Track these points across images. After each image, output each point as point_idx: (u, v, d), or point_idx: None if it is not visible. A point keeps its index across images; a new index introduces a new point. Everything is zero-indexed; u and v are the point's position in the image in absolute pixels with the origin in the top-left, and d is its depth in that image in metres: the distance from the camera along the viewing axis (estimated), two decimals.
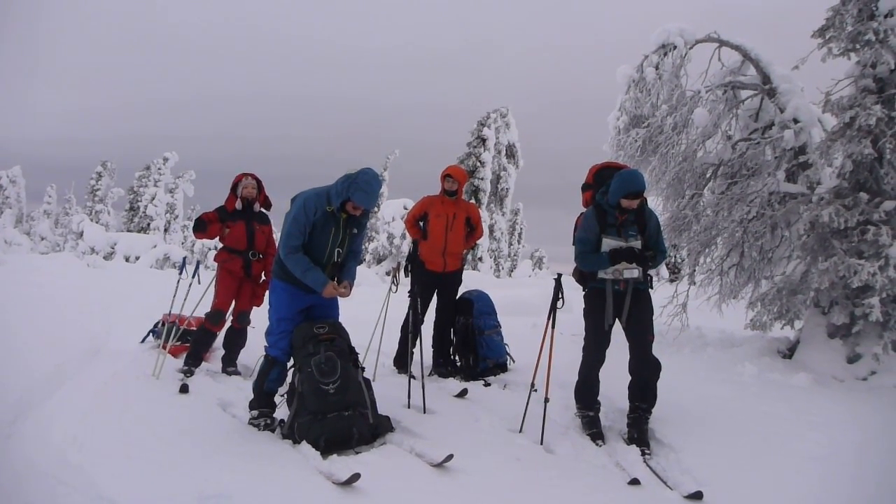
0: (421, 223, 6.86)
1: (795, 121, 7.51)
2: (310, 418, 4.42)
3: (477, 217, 6.96)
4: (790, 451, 4.57)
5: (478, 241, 8.34)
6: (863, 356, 6.73)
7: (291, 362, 4.81)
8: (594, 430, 4.93)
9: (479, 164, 28.17)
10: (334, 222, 4.70)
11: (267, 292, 5.09)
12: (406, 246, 23.48)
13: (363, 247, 4.97)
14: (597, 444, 4.79)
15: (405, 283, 6.67)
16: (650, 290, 5.00)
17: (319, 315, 4.87)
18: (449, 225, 6.66)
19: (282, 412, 4.83)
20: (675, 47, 8.35)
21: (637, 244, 4.83)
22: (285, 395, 4.82)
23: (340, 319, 5.02)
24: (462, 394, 5.89)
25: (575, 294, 5.52)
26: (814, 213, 6.79)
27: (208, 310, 6.38)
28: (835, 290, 6.85)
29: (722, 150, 8.21)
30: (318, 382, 4.49)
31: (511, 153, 30.98)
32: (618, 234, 4.83)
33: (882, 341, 6.62)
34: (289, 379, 4.86)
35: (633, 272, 4.74)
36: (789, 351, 7.51)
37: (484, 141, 28.52)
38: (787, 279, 7.47)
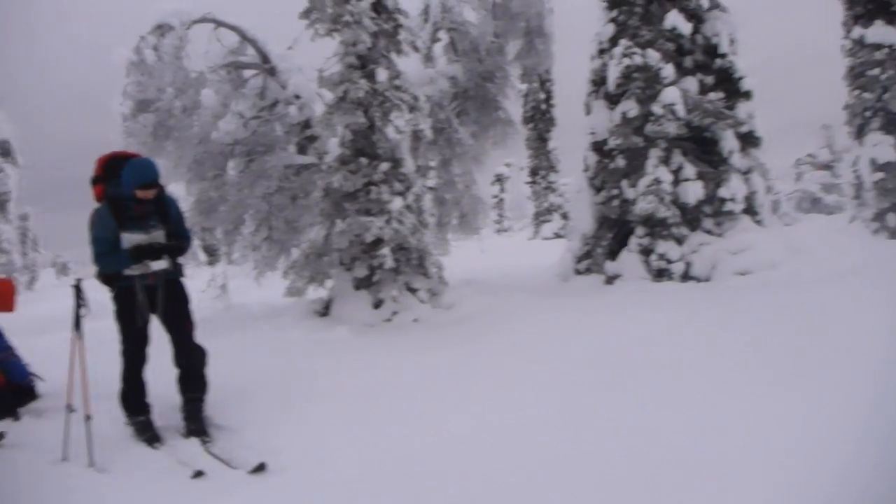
0: None
1: (297, 97, 8.04)
2: None
3: None
4: (338, 399, 5.01)
5: None
6: (385, 301, 7.70)
7: None
8: (149, 434, 4.65)
9: None
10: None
11: None
12: None
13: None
14: (154, 448, 4.54)
15: None
16: (183, 278, 4.88)
17: None
18: None
19: None
20: (172, 28, 8.13)
21: (160, 234, 4.63)
22: None
23: None
24: None
25: (106, 296, 5.07)
26: (326, 181, 7.42)
27: None
28: (353, 248, 7.64)
29: (235, 129, 8.36)
30: None
31: (6, 151, 26.70)
32: (139, 228, 4.55)
33: (397, 285, 7.65)
34: None
35: (160, 263, 4.55)
36: (325, 309, 8.18)
37: None
38: (313, 244, 8.06)
